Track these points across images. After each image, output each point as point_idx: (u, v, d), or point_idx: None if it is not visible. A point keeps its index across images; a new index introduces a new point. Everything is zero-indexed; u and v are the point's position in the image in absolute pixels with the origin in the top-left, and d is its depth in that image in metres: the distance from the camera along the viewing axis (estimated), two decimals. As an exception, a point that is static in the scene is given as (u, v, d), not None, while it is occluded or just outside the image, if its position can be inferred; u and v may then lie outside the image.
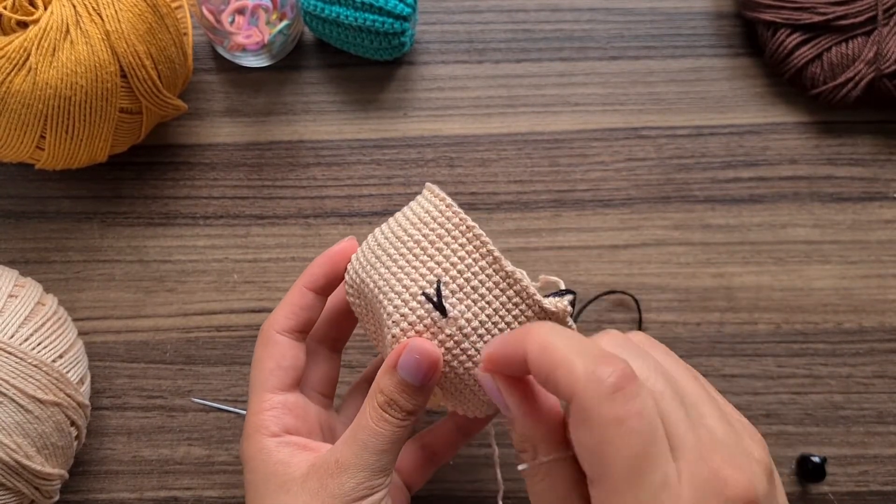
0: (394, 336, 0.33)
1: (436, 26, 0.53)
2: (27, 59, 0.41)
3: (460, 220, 0.33)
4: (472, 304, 0.33)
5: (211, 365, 0.48)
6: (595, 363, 0.26)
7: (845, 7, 0.49)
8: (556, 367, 0.26)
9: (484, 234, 0.33)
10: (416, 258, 0.33)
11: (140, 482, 0.46)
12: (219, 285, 0.49)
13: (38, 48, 0.41)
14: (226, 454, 0.47)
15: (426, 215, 0.34)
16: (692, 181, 0.51)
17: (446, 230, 0.33)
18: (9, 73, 0.41)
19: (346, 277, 0.37)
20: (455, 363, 0.33)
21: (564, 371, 0.26)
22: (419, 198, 0.36)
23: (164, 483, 0.46)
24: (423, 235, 0.34)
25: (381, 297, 0.34)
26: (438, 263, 0.33)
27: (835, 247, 0.50)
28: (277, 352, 0.37)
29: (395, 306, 0.33)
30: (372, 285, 0.35)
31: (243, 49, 0.49)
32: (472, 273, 0.33)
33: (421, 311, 0.33)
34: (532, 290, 0.33)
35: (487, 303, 0.33)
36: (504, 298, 0.33)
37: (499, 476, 0.39)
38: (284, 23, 0.48)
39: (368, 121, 0.52)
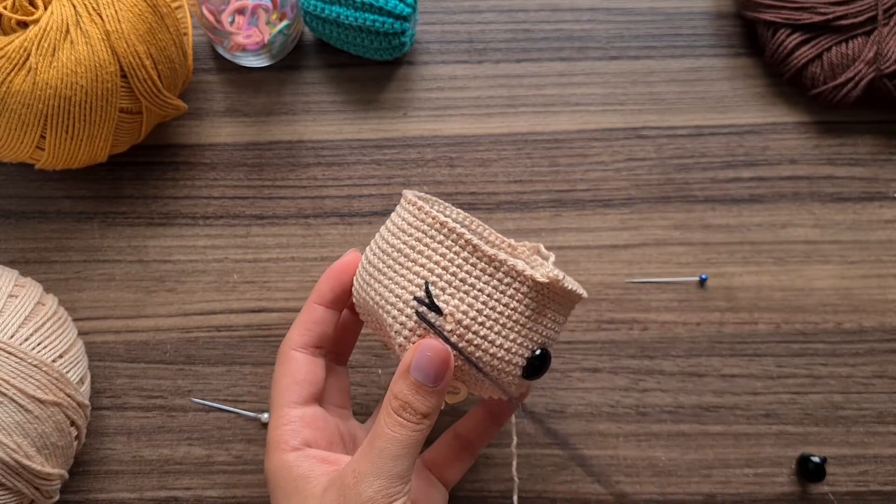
0: (400, 345, 0.34)
1: (436, 26, 0.53)
2: (27, 59, 0.41)
3: (433, 219, 0.34)
4: (465, 295, 0.33)
5: (211, 365, 0.48)
6: None
7: (845, 7, 0.49)
8: None
9: (459, 227, 0.34)
10: (402, 266, 0.35)
11: (140, 482, 0.46)
12: (219, 285, 0.49)
13: (38, 48, 0.41)
14: (226, 454, 0.47)
15: (403, 223, 0.35)
16: (692, 181, 0.51)
17: (423, 232, 0.34)
18: (9, 73, 0.41)
19: (353, 299, 0.38)
20: (461, 360, 0.34)
21: None
22: (397, 208, 0.37)
23: (164, 483, 0.46)
24: (404, 243, 0.35)
25: (381, 312, 0.35)
26: (423, 266, 0.34)
27: (835, 247, 0.50)
28: (292, 367, 0.38)
29: (393, 317, 0.34)
30: (372, 302, 0.36)
31: (243, 49, 0.49)
32: (457, 266, 0.34)
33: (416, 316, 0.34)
34: (521, 266, 0.34)
35: (480, 290, 0.34)
36: (495, 282, 0.34)
37: (514, 471, 0.39)
38: (284, 23, 0.48)
39: (368, 121, 0.52)
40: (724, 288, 0.49)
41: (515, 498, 0.39)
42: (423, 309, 0.34)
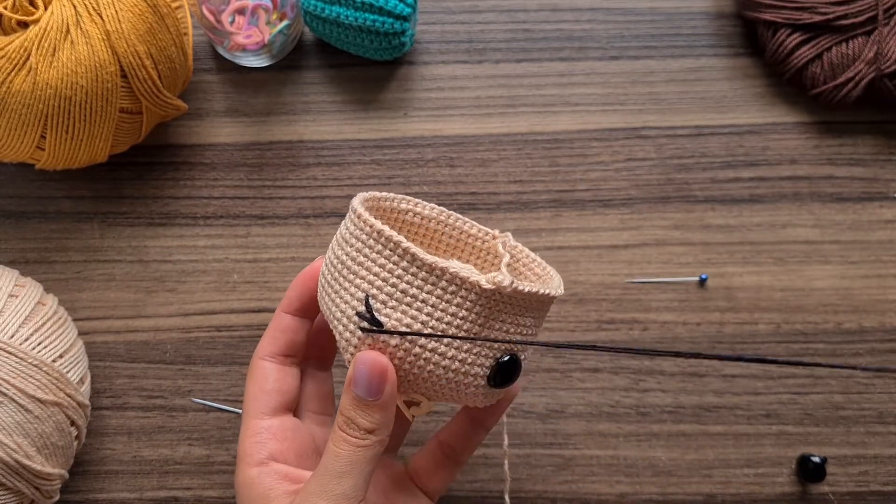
0: (348, 361, 0.33)
1: (436, 26, 0.53)
2: (27, 59, 0.41)
3: (371, 228, 0.32)
4: (408, 307, 0.31)
5: (211, 365, 0.48)
6: None
7: (845, 7, 0.49)
8: None
9: (395, 235, 0.31)
10: (346, 279, 0.33)
11: (140, 482, 0.46)
12: (219, 285, 0.49)
13: (38, 48, 0.41)
14: (226, 454, 0.47)
15: (347, 233, 0.33)
16: (692, 181, 0.51)
17: (362, 242, 0.32)
18: (9, 73, 0.41)
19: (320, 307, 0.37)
20: (416, 370, 0.32)
21: None
22: (346, 216, 0.35)
23: (164, 483, 0.46)
24: (347, 255, 0.33)
25: (331, 326, 0.34)
26: (363, 279, 0.32)
27: (835, 247, 0.50)
28: (260, 377, 0.37)
29: (339, 333, 0.33)
30: (326, 314, 0.34)
31: (243, 49, 0.49)
32: (397, 277, 0.31)
33: (360, 332, 0.32)
34: (464, 273, 0.31)
35: (423, 301, 0.31)
36: (439, 291, 0.31)
37: (506, 467, 0.38)
38: (284, 23, 0.48)
39: (368, 121, 0.52)
40: (724, 288, 0.49)
41: (507, 497, 0.38)
42: (364, 324, 0.32)
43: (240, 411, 0.47)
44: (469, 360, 0.32)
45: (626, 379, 0.48)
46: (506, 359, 0.33)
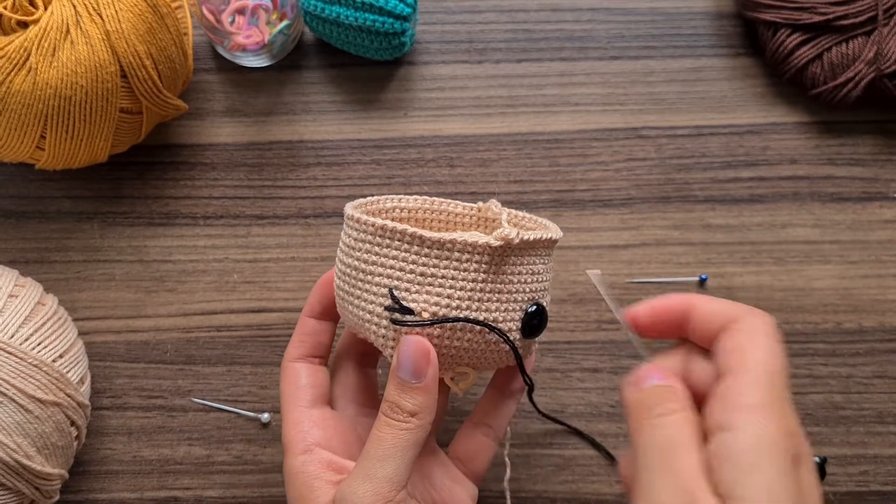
0: (390, 357, 0.35)
1: (436, 26, 0.53)
2: (27, 59, 0.41)
3: (373, 226, 0.34)
4: (431, 287, 0.33)
5: (211, 365, 0.48)
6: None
7: (845, 7, 0.49)
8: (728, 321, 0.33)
9: (398, 225, 0.33)
10: (364, 282, 0.34)
11: (140, 482, 0.46)
12: (219, 285, 0.49)
13: (38, 48, 0.41)
14: (226, 454, 0.47)
15: (350, 239, 0.35)
16: (692, 181, 0.51)
17: (369, 243, 0.34)
18: (9, 73, 0.41)
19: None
20: (455, 342, 0.34)
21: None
22: (343, 226, 0.37)
23: (164, 483, 0.46)
24: (357, 259, 0.35)
25: (363, 331, 0.35)
26: (381, 275, 0.34)
27: (835, 247, 0.50)
28: (293, 376, 0.38)
29: (374, 332, 0.34)
30: (352, 322, 0.36)
31: (243, 49, 0.49)
32: (412, 263, 0.33)
33: (394, 325, 0.34)
34: (472, 238, 0.33)
35: (442, 277, 0.33)
36: (454, 263, 0.33)
37: (507, 459, 0.39)
38: (285, 23, 0.48)
39: (369, 121, 0.52)
40: (724, 288, 0.49)
41: (507, 484, 0.39)
42: (395, 315, 0.33)
43: (239, 412, 0.47)
44: (500, 319, 0.34)
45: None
46: (533, 308, 0.35)
